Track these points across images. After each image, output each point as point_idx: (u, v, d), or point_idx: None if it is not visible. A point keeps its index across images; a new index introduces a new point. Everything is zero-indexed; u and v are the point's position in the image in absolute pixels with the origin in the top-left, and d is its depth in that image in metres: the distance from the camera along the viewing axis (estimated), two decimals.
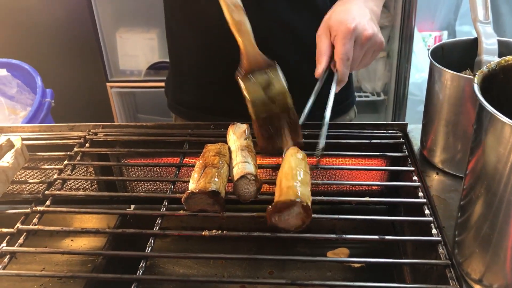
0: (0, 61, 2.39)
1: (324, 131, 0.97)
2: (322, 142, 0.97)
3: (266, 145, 0.96)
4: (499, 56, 1.00)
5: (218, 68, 1.27)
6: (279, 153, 0.97)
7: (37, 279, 1.06)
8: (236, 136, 0.99)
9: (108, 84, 2.72)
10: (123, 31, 2.68)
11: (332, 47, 0.98)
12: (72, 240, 1.19)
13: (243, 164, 0.91)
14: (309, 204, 0.83)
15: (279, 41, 1.21)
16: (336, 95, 1.36)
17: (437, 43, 1.07)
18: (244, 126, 1.02)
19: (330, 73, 1.02)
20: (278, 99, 0.92)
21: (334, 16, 0.99)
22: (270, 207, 0.83)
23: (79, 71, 3.00)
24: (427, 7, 3.04)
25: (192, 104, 1.36)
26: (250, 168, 0.90)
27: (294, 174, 0.88)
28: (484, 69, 0.73)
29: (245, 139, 0.98)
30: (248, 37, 0.90)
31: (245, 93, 0.90)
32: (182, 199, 0.87)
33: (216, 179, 0.87)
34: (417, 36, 2.92)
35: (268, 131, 0.94)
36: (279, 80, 0.92)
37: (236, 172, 0.90)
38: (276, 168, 0.97)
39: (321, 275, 1.07)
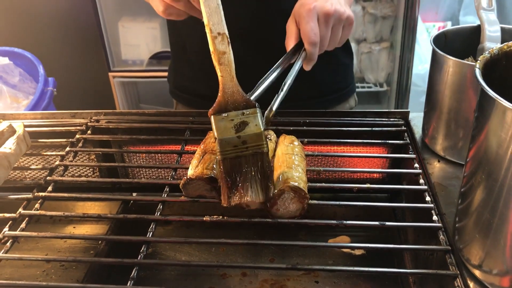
0: (2, 49, 2.39)
1: (281, 96, 0.92)
2: (275, 104, 0.91)
3: (230, 198, 0.81)
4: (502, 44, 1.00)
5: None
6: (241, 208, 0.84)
7: (40, 266, 1.07)
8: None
9: (110, 73, 2.72)
10: (125, 21, 2.67)
11: (299, 30, 0.97)
12: (74, 227, 1.20)
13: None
14: (300, 185, 0.83)
15: (282, 33, 1.21)
16: (336, 82, 1.37)
17: (440, 31, 1.07)
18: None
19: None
20: (250, 141, 0.79)
21: (297, 4, 0.99)
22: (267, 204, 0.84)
23: (82, 60, 2.99)
24: None
25: (192, 90, 1.36)
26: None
27: (281, 162, 0.89)
28: (486, 54, 0.72)
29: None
30: (229, 69, 0.80)
31: (214, 130, 0.79)
32: (180, 185, 0.87)
33: (215, 166, 0.87)
34: (421, 26, 2.91)
35: (232, 179, 0.80)
36: (256, 122, 0.79)
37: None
38: None
39: (322, 262, 1.07)
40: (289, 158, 0.90)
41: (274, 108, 0.89)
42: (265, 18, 1.20)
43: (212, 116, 0.79)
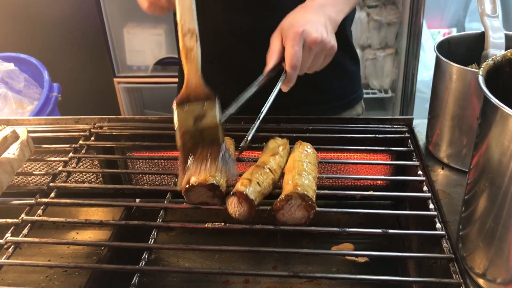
0: (8, 55, 2.40)
1: (256, 125, 0.97)
2: (250, 134, 0.96)
3: (182, 178, 0.88)
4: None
5: (222, 61, 1.27)
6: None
7: (43, 271, 1.07)
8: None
9: (115, 79, 2.73)
10: (130, 27, 2.68)
11: (282, 48, 1.00)
12: (77, 233, 1.20)
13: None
14: (308, 193, 0.83)
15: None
16: (341, 89, 1.37)
17: (444, 37, 1.06)
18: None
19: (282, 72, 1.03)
20: (207, 133, 0.86)
21: (287, 20, 1.01)
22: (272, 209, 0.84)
23: (87, 66, 3.00)
24: (436, 4, 3.02)
25: None
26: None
27: (292, 168, 0.90)
28: (490, 61, 0.72)
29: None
30: (194, 65, 0.86)
31: (175, 121, 0.86)
32: (182, 192, 0.87)
33: (218, 173, 0.87)
34: (426, 33, 2.90)
35: (187, 162, 0.87)
36: (213, 114, 0.86)
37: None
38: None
39: (325, 270, 1.06)
40: (300, 165, 0.90)
41: (249, 139, 0.96)
42: (265, 22, 1.20)
43: (175, 106, 0.86)
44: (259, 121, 0.97)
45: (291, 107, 1.23)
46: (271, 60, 1.00)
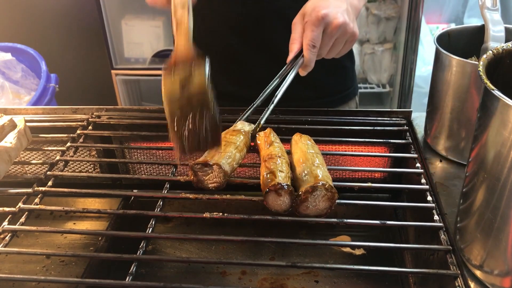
0: (5, 45, 2.39)
1: (269, 110, 0.97)
2: (264, 117, 0.98)
3: (181, 148, 0.83)
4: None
5: (222, 54, 1.27)
6: (197, 152, 0.88)
7: (40, 261, 1.07)
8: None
9: (113, 71, 2.72)
10: (128, 18, 2.67)
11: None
12: (74, 223, 1.19)
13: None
14: (331, 183, 0.84)
15: (279, 34, 1.21)
16: (335, 84, 1.36)
17: (444, 30, 1.06)
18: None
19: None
20: (196, 97, 0.80)
21: (309, 4, 0.99)
22: (295, 201, 0.84)
23: (84, 57, 2.99)
24: None
25: None
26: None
27: (305, 159, 0.89)
28: (490, 53, 0.72)
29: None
30: (185, 37, 0.82)
31: (162, 89, 0.81)
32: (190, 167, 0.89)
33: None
34: (425, 28, 2.90)
35: (181, 132, 0.81)
36: (201, 76, 0.80)
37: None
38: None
39: (322, 262, 1.06)
40: (312, 157, 0.90)
41: (262, 122, 0.97)
42: (264, 17, 1.20)
43: (162, 74, 0.82)
44: (273, 105, 0.96)
45: (284, 102, 1.23)
46: (294, 47, 0.98)
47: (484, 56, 0.71)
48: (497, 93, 0.62)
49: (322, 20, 0.94)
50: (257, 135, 1.00)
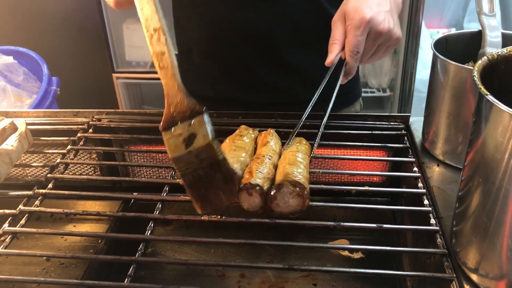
0: (7, 48, 2.40)
1: (321, 131, 0.94)
2: (316, 142, 0.95)
3: (203, 206, 0.80)
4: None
5: (224, 58, 1.28)
6: (220, 212, 0.86)
7: (39, 264, 1.07)
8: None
9: (114, 74, 2.73)
10: (130, 22, 2.69)
11: (345, 35, 0.93)
12: (74, 226, 1.20)
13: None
14: (300, 180, 0.83)
15: (286, 38, 1.21)
16: (341, 86, 1.37)
17: (441, 35, 1.07)
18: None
19: (339, 63, 0.97)
20: (202, 154, 0.74)
21: (351, 2, 0.93)
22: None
23: (86, 60, 3.01)
24: (436, 3, 3.02)
25: (197, 92, 1.37)
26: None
27: (283, 159, 0.91)
28: (485, 58, 0.73)
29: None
30: (170, 73, 0.72)
31: (167, 149, 0.76)
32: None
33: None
34: (425, 33, 2.90)
35: (198, 191, 0.78)
36: (203, 131, 0.73)
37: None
38: None
39: (320, 265, 1.07)
40: (292, 155, 0.91)
41: (315, 145, 0.93)
42: (270, 24, 1.20)
43: (162, 133, 0.76)
44: (322, 126, 0.93)
45: (289, 104, 1.24)
46: (334, 48, 0.92)
47: (479, 61, 0.72)
48: (490, 98, 0.63)
49: (368, 24, 0.88)
50: (258, 135, 1.01)
